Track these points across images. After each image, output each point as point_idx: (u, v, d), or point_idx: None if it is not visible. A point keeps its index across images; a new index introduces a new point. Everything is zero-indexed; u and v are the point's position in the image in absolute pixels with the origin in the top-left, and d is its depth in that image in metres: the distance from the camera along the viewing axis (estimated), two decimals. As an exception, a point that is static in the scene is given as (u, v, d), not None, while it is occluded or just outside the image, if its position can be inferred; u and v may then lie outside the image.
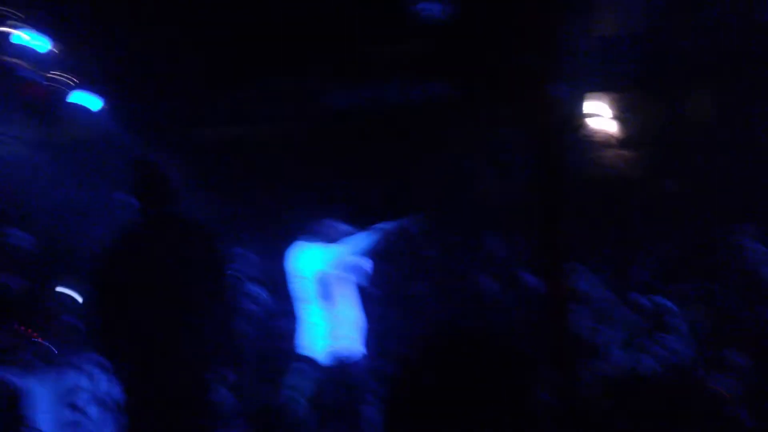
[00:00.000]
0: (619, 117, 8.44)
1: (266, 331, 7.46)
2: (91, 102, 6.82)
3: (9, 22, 5.49)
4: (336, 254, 4.86)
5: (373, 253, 5.09)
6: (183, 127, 8.45)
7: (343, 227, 5.03)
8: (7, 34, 5.54)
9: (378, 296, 5.32)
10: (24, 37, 5.67)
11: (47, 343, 5.75)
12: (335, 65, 7.19)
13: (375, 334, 5.09)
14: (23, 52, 5.81)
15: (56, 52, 6.09)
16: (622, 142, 8.54)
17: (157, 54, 6.78)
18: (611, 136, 8.50)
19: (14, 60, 5.75)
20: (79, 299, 5.99)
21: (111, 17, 6.11)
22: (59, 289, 6.17)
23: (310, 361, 4.96)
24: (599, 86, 7.90)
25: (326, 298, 4.86)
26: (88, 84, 6.72)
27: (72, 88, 6.59)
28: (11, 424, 4.90)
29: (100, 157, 8.02)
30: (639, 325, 4.88)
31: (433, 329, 1.32)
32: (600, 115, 8.38)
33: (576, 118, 8.00)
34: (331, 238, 4.99)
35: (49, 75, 6.21)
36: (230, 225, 8.53)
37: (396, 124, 8.48)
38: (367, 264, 5.20)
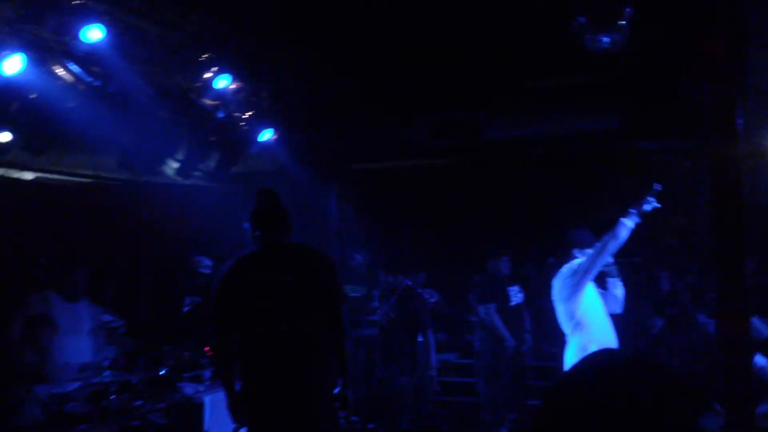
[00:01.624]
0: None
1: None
2: (266, 135, 7.15)
3: (213, 68, 5.91)
4: (582, 274, 4.79)
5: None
6: (350, 160, 8.76)
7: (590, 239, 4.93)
8: (212, 80, 5.98)
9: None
10: (223, 82, 6.08)
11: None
12: (499, 97, 7.17)
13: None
14: (222, 94, 6.25)
15: (235, 88, 6.45)
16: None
17: (327, 88, 7.06)
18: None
19: (214, 103, 6.18)
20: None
21: (286, 55, 6.43)
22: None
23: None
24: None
25: (579, 320, 4.83)
26: (263, 117, 7.06)
27: (249, 122, 6.97)
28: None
29: (273, 187, 8.51)
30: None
31: (604, 356, 1.29)
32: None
33: (760, 149, 7.42)
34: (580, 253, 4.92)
35: (229, 110, 6.61)
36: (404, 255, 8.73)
37: (563, 157, 8.30)
38: (619, 287, 5.14)
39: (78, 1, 4.46)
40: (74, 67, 4.81)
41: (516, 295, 7.49)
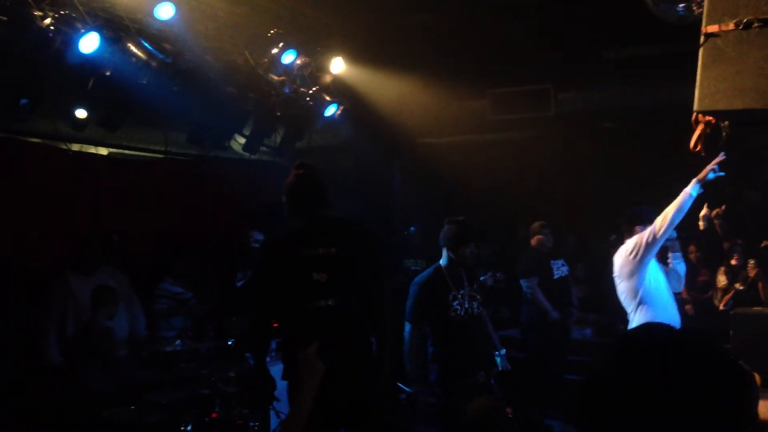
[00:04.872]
0: None
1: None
2: (331, 110, 7.08)
3: (280, 44, 5.94)
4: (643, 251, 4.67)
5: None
6: (410, 136, 8.70)
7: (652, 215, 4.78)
8: (279, 55, 6.02)
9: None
10: (290, 57, 6.10)
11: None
12: (571, 68, 6.99)
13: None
14: (288, 70, 6.28)
15: (301, 63, 6.44)
16: None
17: (394, 60, 6.98)
18: None
19: (281, 78, 6.22)
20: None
21: (352, 29, 6.40)
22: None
23: None
24: None
25: (641, 298, 4.73)
26: (326, 92, 7.00)
27: (312, 98, 6.96)
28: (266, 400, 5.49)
29: (334, 162, 8.53)
30: None
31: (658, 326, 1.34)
32: None
33: None
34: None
35: (294, 86, 6.61)
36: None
37: (638, 129, 8.04)
38: (681, 263, 5.02)
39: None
40: (146, 45, 4.90)
41: (559, 269, 7.46)
